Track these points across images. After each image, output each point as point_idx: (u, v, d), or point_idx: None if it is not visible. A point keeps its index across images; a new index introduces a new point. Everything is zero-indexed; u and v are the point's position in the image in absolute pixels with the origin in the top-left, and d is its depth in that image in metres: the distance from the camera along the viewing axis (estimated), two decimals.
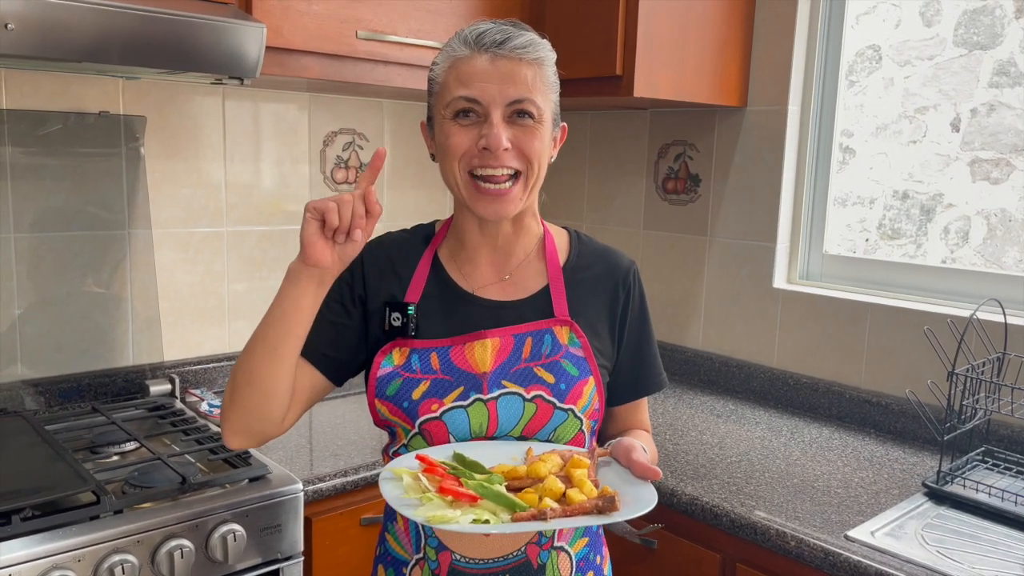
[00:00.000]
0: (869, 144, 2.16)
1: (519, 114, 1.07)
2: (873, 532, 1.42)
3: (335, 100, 2.26)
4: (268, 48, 1.63)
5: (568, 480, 1.00)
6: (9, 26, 1.30)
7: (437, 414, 1.09)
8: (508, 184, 1.08)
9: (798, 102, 2.15)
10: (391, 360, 1.12)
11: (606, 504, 0.96)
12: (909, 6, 2.07)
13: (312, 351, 1.13)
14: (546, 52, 1.11)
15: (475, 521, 0.93)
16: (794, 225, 2.20)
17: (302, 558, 1.56)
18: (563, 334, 1.14)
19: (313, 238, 0.99)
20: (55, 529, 1.31)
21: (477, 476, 0.99)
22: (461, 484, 0.97)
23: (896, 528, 1.45)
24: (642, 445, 1.08)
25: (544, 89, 1.09)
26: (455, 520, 0.92)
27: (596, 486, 1.00)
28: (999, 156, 1.94)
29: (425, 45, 1.90)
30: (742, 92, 2.19)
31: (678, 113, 2.36)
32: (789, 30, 2.11)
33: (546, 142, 1.11)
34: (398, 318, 1.13)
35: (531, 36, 1.10)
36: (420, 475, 0.99)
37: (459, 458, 1.03)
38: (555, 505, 0.96)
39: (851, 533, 1.41)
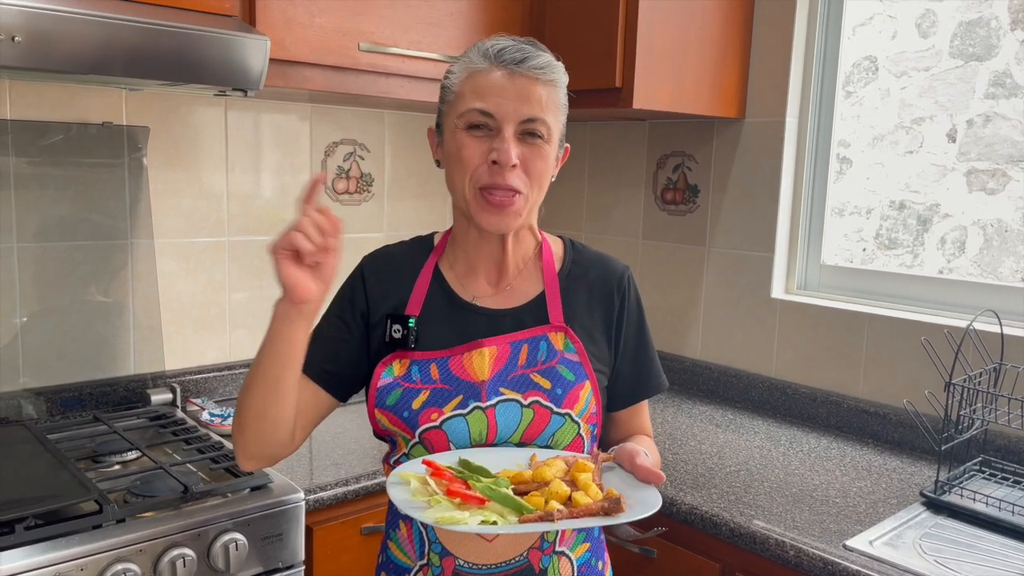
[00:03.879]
0: (866, 154, 2.18)
1: (529, 133, 1.09)
2: (871, 541, 1.43)
3: (336, 111, 2.27)
4: (271, 60, 1.64)
5: (573, 484, 1.01)
6: (16, 39, 1.31)
7: (437, 423, 1.10)
8: (511, 196, 1.10)
9: (795, 113, 2.17)
10: (391, 371, 1.14)
11: (612, 506, 0.97)
12: (905, 17, 2.08)
13: (313, 368, 1.15)
14: (560, 75, 1.14)
15: (483, 522, 0.94)
16: (792, 235, 2.22)
17: (303, 567, 1.56)
18: (558, 340, 1.15)
19: (294, 278, 1.00)
20: (58, 538, 1.31)
21: (484, 480, 1.00)
22: (469, 487, 0.98)
23: (894, 537, 1.46)
24: (645, 451, 1.09)
25: (555, 110, 1.12)
26: (463, 521, 0.93)
27: (601, 489, 1.01)
28: (995, 167, 1.96)
29: (426, 57, 1.92)
30: (740, 104, 2.21)
31: (677, 124, 2.37)
32: (787, 42, 2.13)
33: (550, 162, 1.13)
34: (399, 330, 1.14)
35: (548, 57, 1.13)
36: (428, 479, 1.00)
37: (465, 463, 1.04)
38: (561, 507, 0.97)
39: (849, 542, 1.42)
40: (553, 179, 1.17)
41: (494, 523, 0.94)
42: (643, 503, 0.99)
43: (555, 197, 2.69)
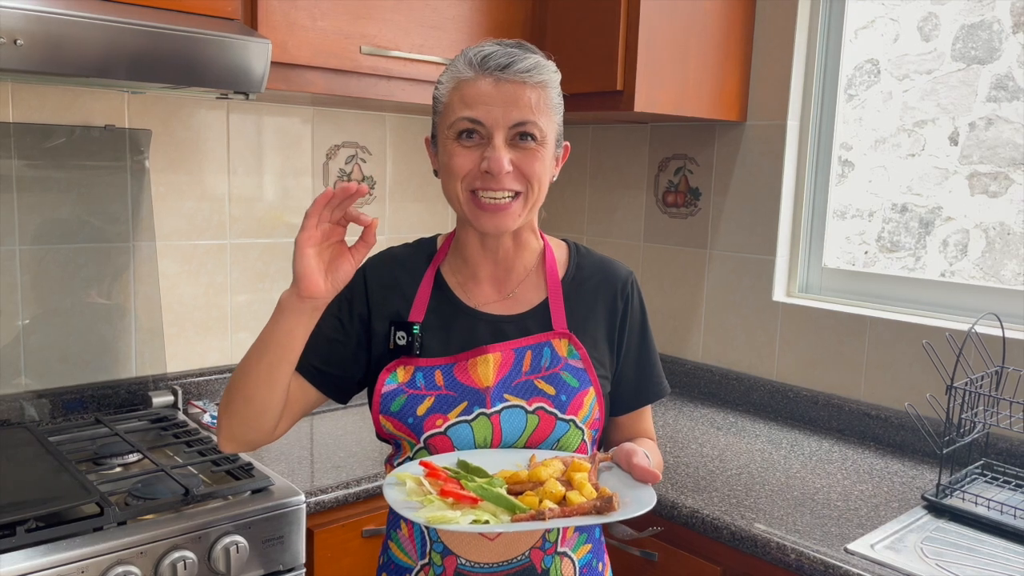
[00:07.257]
0: (868, 157, 2.17)
1: (521, 136, 1.09)
2: (873, 545, 1.43)
3: (338, 114, 2.28)
4: (273, 63, 1.65)
5: (569, 484, 1.02)
6: (18, 42, 1.32)
7: (442, 429, 1.10)
8: (508, 199, 1.10)
9: (797, 116, 2.17)
10: (396, 377, 1.14)
11: (604, 504, 0.97)
12: (907, 20, 2.08)
13: (304, 365, 1.14)
14: (550, 74, 1.12)
15: (475, 522, 0.94)
16: (793, 238, 2.22)
17: (304, 570, 1.56)
18: (562, 346, 1.15)
19: (308, 270, 1.01)
20: (59, 540, 1.32)
21: (478, 480, 1.01)
22: (462, 487, 0.99)
23: (896, 541, 1.45)
24: (644, 451, 1.09)
25: (547, 111, 1.11)
26: (455, 521, 0.93)
27: (596, 489, 1.01)
28: (997, 170, 1.96)
29: (428, 60, 1.92)
30: (742, 106, 2.21)
31: (678, 127, 2.37)
32: (788, 45, 2.13)
33: (547, 163, 1.12)
34: (403, 337, 1.14)
35: (536, 59, 1.11)
36: (423, 479, 1.00)
37: (463, 464, 1.04)
38: (554, 506, 0.97)
39: (851, 546, 1.42)
40: (554, 179, 1.16)
41: (486, 522, 0.94)
42: (637, 502, 0.99)
43: (556, 200, 2.69)
